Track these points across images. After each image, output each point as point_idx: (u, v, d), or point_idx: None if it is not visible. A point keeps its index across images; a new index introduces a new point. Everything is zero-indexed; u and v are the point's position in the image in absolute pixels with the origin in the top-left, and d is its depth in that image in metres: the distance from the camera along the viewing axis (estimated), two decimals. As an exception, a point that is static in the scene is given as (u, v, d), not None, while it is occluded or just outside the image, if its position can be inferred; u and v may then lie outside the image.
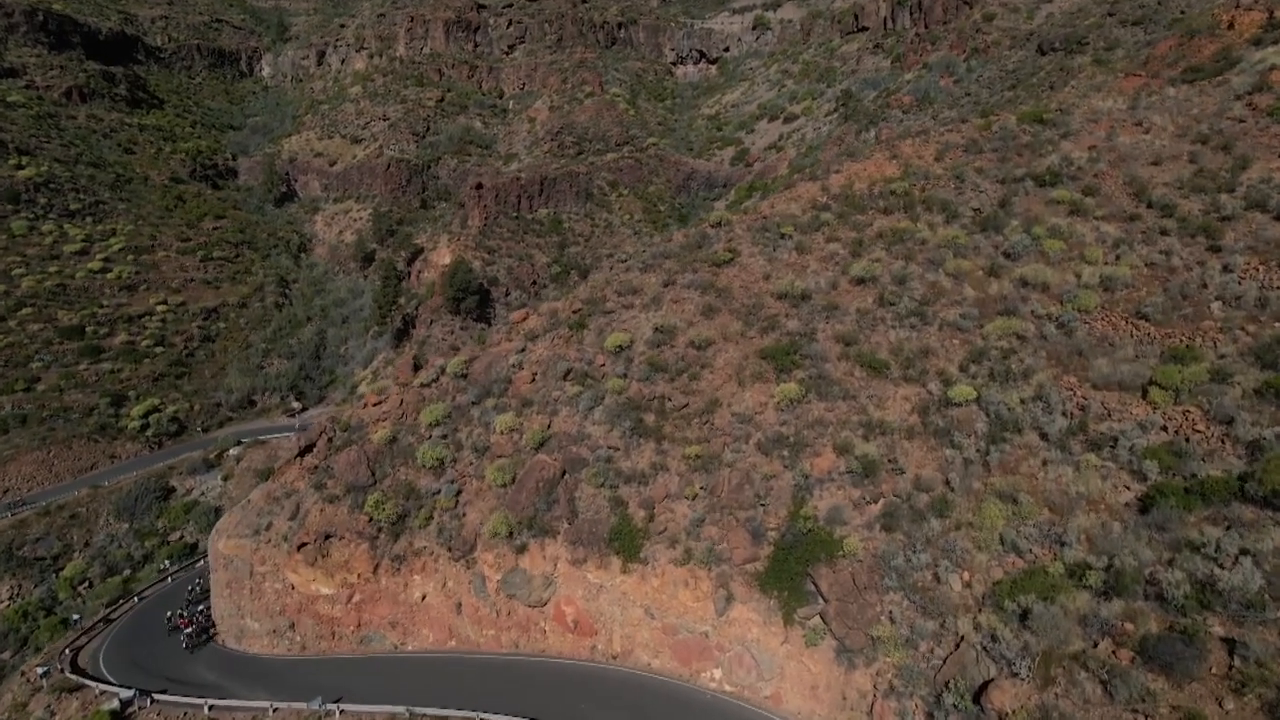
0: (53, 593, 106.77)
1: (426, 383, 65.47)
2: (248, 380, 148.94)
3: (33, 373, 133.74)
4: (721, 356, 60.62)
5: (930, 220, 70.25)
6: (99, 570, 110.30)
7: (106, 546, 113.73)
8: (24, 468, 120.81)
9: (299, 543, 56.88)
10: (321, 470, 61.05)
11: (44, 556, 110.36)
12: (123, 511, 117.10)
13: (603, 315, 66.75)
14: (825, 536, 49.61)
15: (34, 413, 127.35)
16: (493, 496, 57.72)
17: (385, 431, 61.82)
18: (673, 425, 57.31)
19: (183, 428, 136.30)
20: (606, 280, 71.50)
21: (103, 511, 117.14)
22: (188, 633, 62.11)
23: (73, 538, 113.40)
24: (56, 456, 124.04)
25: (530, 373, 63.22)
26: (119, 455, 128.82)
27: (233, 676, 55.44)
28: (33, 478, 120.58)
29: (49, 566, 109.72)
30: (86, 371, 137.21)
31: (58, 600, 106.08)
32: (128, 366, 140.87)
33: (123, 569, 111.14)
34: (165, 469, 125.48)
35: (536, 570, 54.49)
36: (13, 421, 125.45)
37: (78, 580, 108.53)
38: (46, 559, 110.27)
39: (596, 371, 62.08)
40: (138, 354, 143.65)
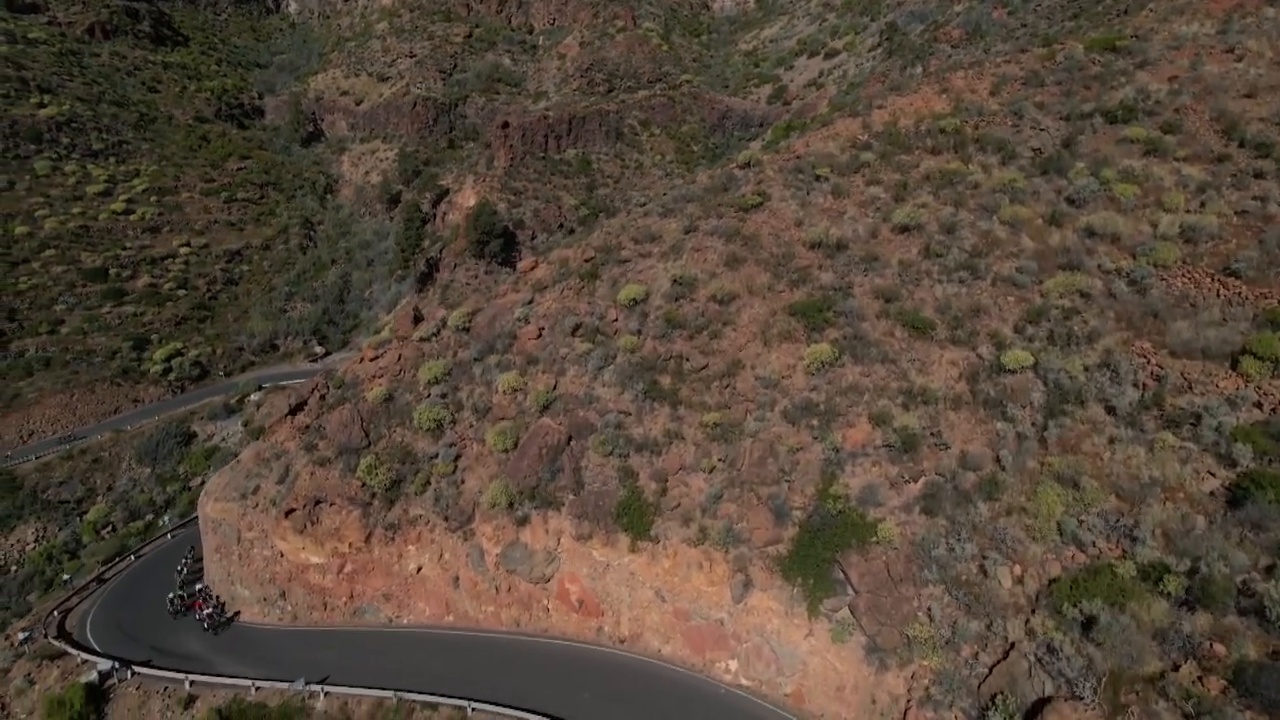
0: (76, 536, 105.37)
1: (427, 337, 59.98)
2: (270, 324, 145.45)
3: (57, 315, 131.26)
4: (746, 313, 54.16)
5: (984, 161, 62.26)
6: (121, 515, 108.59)
7: (129, 491, 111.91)
8: (48, 410, 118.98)
9: (287, 508, 52.41)
10: (313, 430, 56.25)
11: (68, 500, 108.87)
12: (144, 456, 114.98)
13: (617, 265, 60.38)
14: (857, 519, 43.67)
15: (58, 355, 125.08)
16: (493, 463, 52.53)
17: (381, 389, 56.67)
18: (690, 389, 51.30)
19: (205, 372, 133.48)
20: (622, 226, 64.90)
21: (125, 456, 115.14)
22: (207, 614, 55.19)
23: (96, 482, 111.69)
24: (80, 400, 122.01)
25: (537, 327, 57.37)
26: (141, 399, 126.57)
27: (219, 648, 51.67)
28: (57, 420, 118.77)
29: (73, 510, 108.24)
30: (109, 314, 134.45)
31: (81, 544, 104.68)
32: (150, 309, 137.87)
33: (145, 514, 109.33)
34: (187, 414, 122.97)
35: (538, 545, 49.46)
36: (37, 364, 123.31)
37: (101, 524, 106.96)
38: (70, 502, 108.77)
39: (608, 327, 56.04)
40: (160, 297, 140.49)
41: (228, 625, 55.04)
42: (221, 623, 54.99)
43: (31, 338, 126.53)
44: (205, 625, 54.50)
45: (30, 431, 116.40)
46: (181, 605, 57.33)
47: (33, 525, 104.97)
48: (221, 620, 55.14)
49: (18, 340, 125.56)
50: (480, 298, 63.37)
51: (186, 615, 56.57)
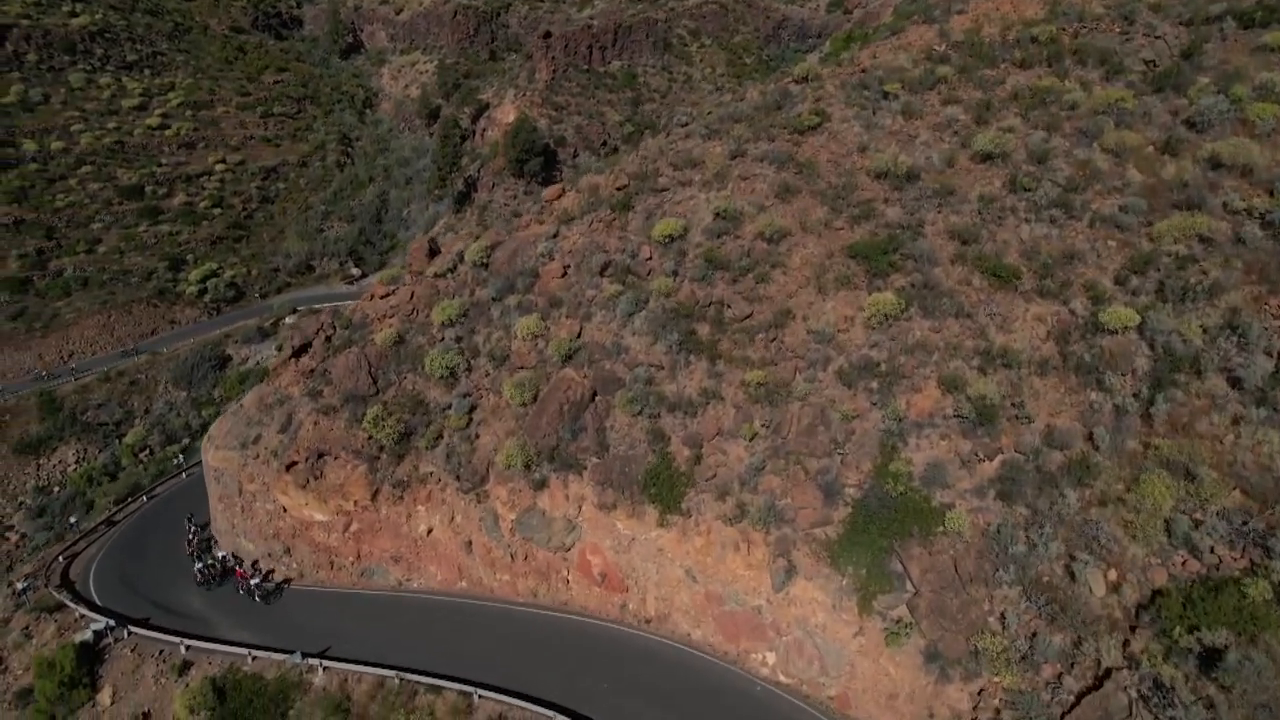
0: (116, 458, 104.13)
1: (442, 272, 53.71)
2: (306, 244, 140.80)
3: (94, 234, 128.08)
4: (798, 253, 46.67)
5: (1084, 77, 52.63)
6: (158, 438, 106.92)
7: (165, 415, 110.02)
8: (86, 331, 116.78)
9: (289, 461, 47.64)
10: (318, 375, 50.99)
11: (106, 422, 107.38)
12: (180, 379, 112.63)
13: (653, 194, 52.90)
14: (921, 503, 37.13)
15: (95, 275, 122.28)
16: (510, 417, 46.81)
17: (391, 331, 50.91)
18: (731, 341, 44.48)
19: (240, 293, 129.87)
20: (660, 149, 56.99)
21: (161, 379, 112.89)
22: (254, 584, 48.55)
23: (133, 404, 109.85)
24: (117, 321, 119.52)
25: (561, 265, 50.65)
26: (178, 320, 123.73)
27: (221, 606, 47.89)
28: (95, 341, 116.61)
29: (111, 432, 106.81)
30: (146, 233, 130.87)
31: (120, 466, 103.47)
32: (186, 229, 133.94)
33: (181, 438, 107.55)
34: (221, 336, 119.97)
35: (557, 512, 44.01)
36: (75, 284, 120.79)
37: (138, 447, 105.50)
38: (109, 424, 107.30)
39: (640, 267, 49.06)
40: (196, 216, 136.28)
41: (279, 594, 48.94)
42: (271, 591, 48.84)
43: (69, 257, 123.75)
44: (255, 597, 48.44)
45: (70, 352, 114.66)
46: (213, 575, 50.68)
47: (73, 447, 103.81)
48: (271, 589, 48.93)
49: (56, 259, 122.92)
50: (501, 228, 56.61)
51: (220, 584, 50.44)
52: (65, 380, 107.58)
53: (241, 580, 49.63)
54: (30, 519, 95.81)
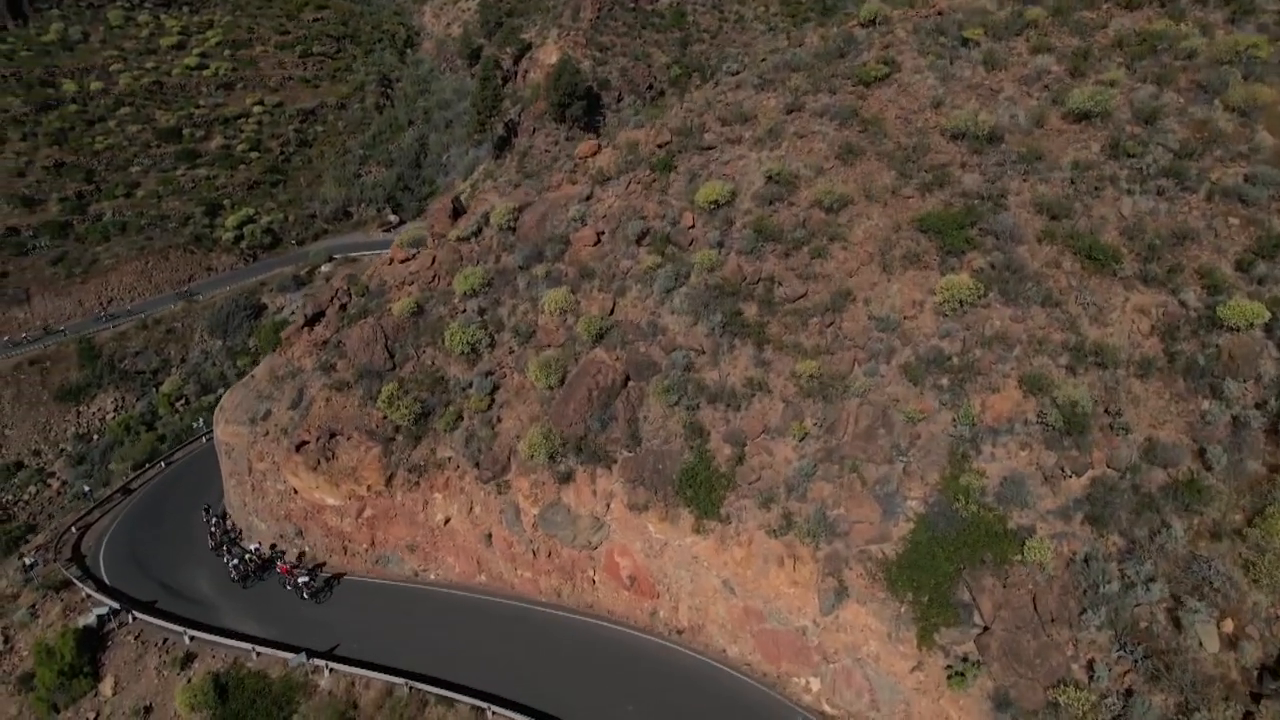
0: (153, 407, 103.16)
1: (465, 236, 48.97)
2: (343, 190, 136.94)
3: (132, 177, 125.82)
4: (861, 225, 40.84)
5: (1204, 19, 45.06)
6: (194, 388, 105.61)
7: (201, 364, 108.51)
8: (125, 277, 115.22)
9: (299, 440, 44.04)
10: (331, 347, 47.05)
11: (143, 370, 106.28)
12: (216, 328, 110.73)
13: (698, 153, 47.11)
14: (995, 524, 32.00)
15: (133, 220, 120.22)
16: (535, 400, 42.42)
17: (409, 300, 46.58)
18: (781, 325, 39.19)
19: (277, 240, 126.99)
20: (708, 102, 50.81)
21: (197, 327, 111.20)
22: (302, 581, 43.61)
23: (170, 353, 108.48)
24: (155, 267, 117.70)
25: (594, 232, 45.51)
26: (214, 267, 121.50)
27: (231, 591, 45.00)
28: (133, 288, 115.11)
29: (149, 381, 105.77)
30: (183, 177, 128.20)
31: (157, 415, 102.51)
32: (223, 172, 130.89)
33: (216, 388, 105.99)
34: (257, 285, 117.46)
35: (583, 508, 39.79)
36: (113, 229, 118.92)
37: (175, 397, 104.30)
38: (146, 373, 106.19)
39: (682, 236, 43.68)
40: (233, 159, 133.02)
41: (329, 592, 44.10)
42: (320, 589, 43.96)
43: (108, 201, 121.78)
44: (304, 595, 43.62)
45: (109, 299, 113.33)
46: (249, 571, 45.57)
47: (111, 395, 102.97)
48: (320, 586, 44.06)
49: (95, 203, 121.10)
50: (531, 187, 51.40)
51: (259, 580, 45.50)
52: (120, 322, 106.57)
53: (288, 576, 44.56)
54: (71, 466, 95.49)
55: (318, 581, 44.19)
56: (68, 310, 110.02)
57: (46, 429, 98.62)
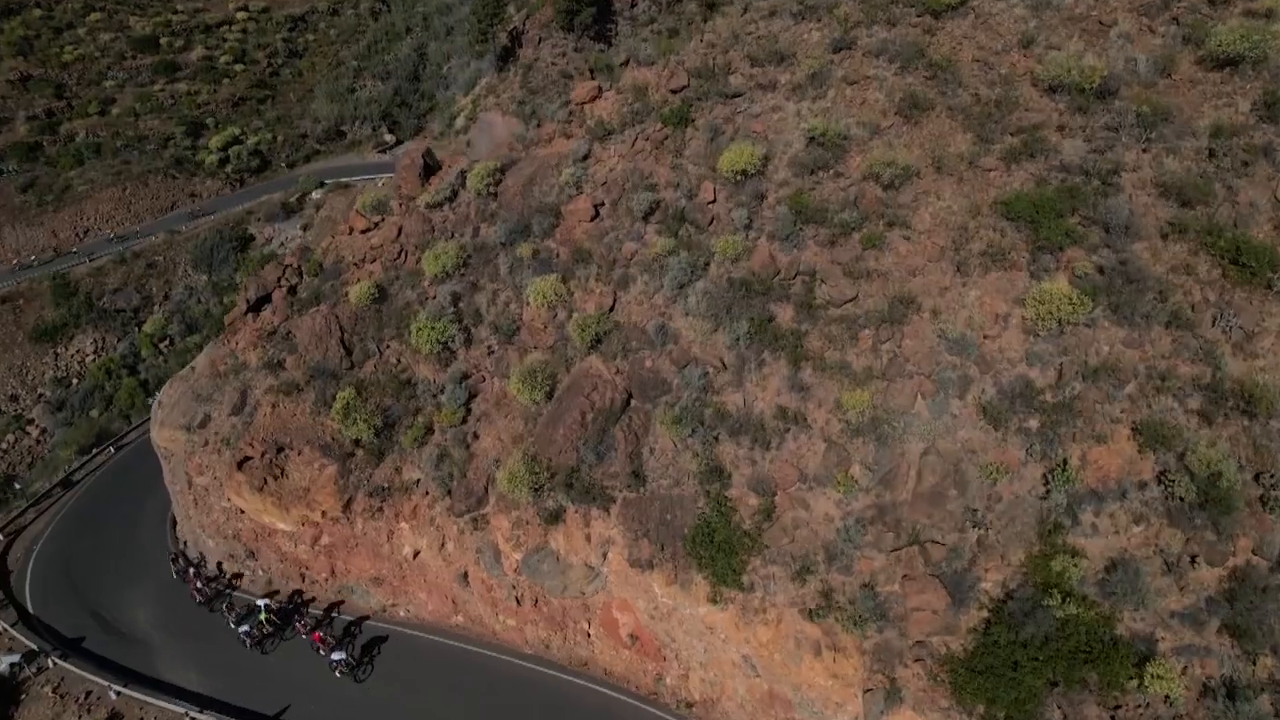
0: (135, 349, 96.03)
1: (438, 201, 40.02)
2: (336, 106, 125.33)
3: (106, 93, 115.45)
4: (929, 207, 31.66)
5: (1387, -71, 34.21)
6: (178, 327, 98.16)
7: (185, 301, 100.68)
8: (102, 206, 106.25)
9: (241, 455, 36.50)
10: (279, 339, 38.94)
11: (124, 309, 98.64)
12: (200, 262, 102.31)
13: (721, 101, 37.36)
14: (1100, 628, 24.25)
15: (108, 141, 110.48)
16: (518, 416, 34.46)
17: (369, 284, 38.13)
18: (824, 337, 30.63)
19: (265, 163, 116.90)
20: (734, 34, 40.48)
21: (180, 261, 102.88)
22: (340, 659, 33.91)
23: (151, 289, 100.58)
24: (134, 194, 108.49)
25: (592, 202, 36.47)
26: (198, 194, 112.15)
27: (174, 625, 38.33)
28: (112, 217, 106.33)
29: (130, 319, 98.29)
30: (162, 93, 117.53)
31: (140, 357, 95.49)
32: (205, 88, 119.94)
33: (202, 327, 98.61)
34: (244, 214, 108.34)
35: (575, 556, 32.35)
36: (87, 151, 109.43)
37: (158, 337, 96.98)
38: (127, 311, 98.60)
39: (700, 213, 34.62)
40: (216, 72, 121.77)
41: (371, 665, 34.82)
42: (359, 663, 34.55)
43: (81, 120, 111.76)
44: (339, 671, 34.12)
45: (85, 229, 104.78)
46: (265, 635, 36.43)
47: (90, 335, 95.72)
48: (361, 661, 34.73)
49: (66, 122, 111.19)
50: (516, 141, 41.84)
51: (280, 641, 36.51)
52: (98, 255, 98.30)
53: (321, 645, 34.75)
54: (50, 413, 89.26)
55: (353, 652, 34.66)
56: (41, 242, 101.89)
57: (23, 372, 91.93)
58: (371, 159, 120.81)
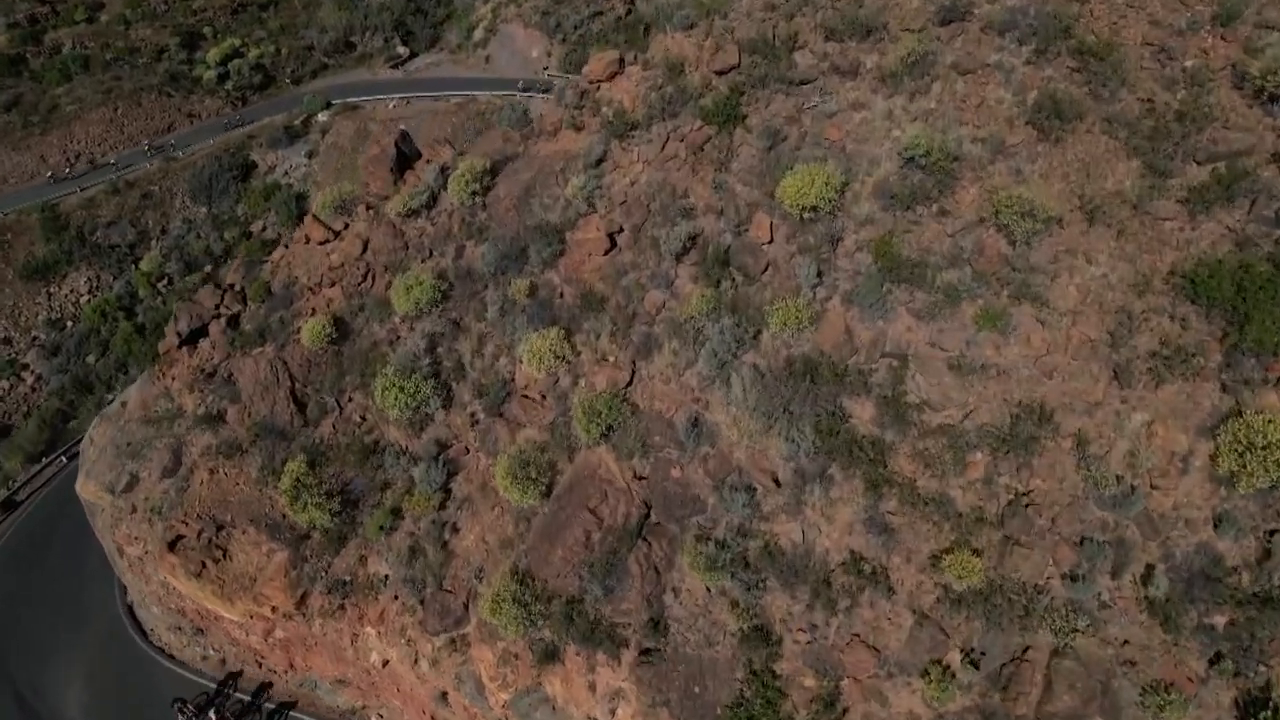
0: (131, 288, 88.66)
1: (413, 208, 30.80)
2: (345, 14, 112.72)
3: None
4: (1074, 273, 22.06)
5: None
6: (177, 266, 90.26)
7: (184, 236, 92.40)
8: (91, 128, 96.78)
9: (173, 535, 29.14)
10: (219, 383, 30.77)
11: (119, 244, 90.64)
12: (199, 192, 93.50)
13: (783, 92, 27.15)
14: None
15: (97, 54, 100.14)
16: (507, 512, 26.47)
17: (324, 321, 29.51)
18: (916, 455, 21.82)
19: (269, 78, 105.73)
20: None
21: (177, 191, 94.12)
22: None
23: (147, 222, 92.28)
24: (126, 115, 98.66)
25: (606, 226, 27.15)
26: (197, 113, 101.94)
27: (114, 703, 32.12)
28: (103, 140, 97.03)
29: (125, 256, 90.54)
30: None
31: (137, 297, 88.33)
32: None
33: (202, 264, 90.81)
34: (244, 138, 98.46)
35: (576, 708, 24.84)
36: (75, 65, 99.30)
37: (156, 276, 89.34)
38: (122, 246, 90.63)
39: (751, 255, 25.22)
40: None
41: None
42: None
43: (67, 28, 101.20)
44: None
45: (76, 154, 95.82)
46: None
47: (84, 273, 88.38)
48: None
49: (52, 30, 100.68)
50: (509, 130, 31.99)
51: None
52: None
53: None
54: (45, 358, 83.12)
55: None
56: (29, 167, 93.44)
57: (15, 313, 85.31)
58: (383, 75, 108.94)
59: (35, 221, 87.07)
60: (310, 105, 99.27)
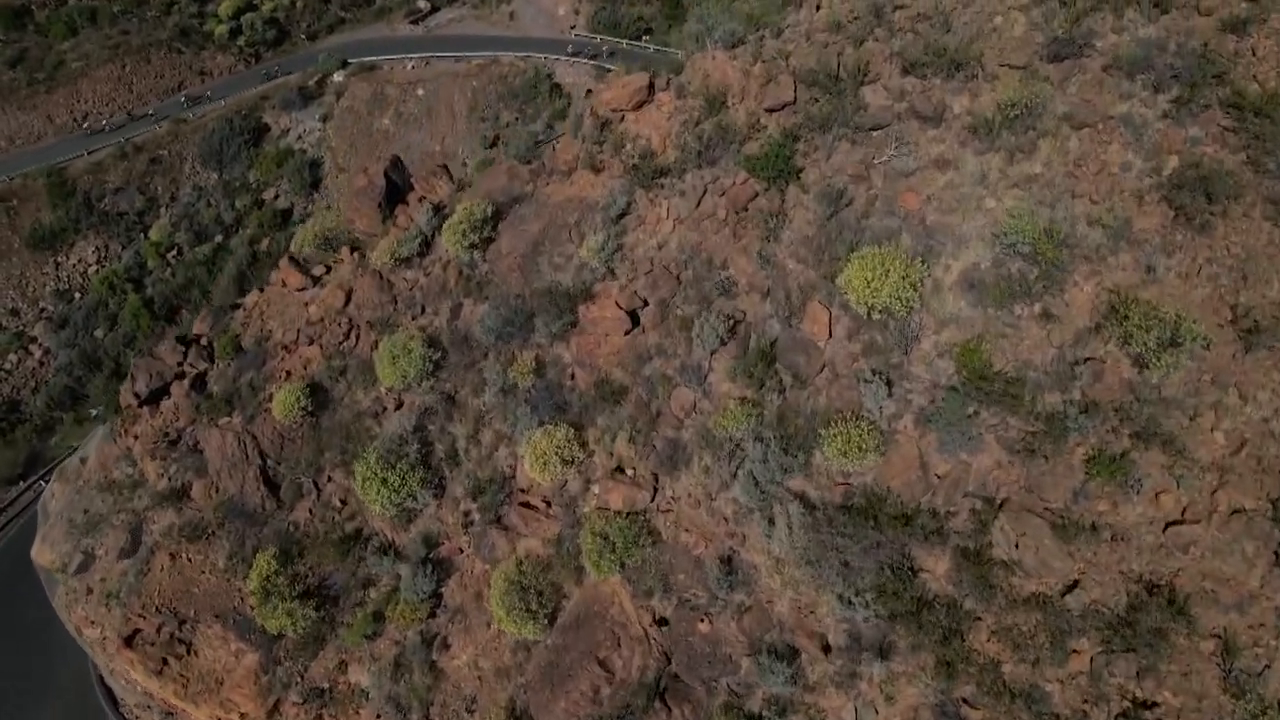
0: (140, 259, 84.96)
1: (403, 256, 26.05)
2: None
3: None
4: (1223, 417, 17.02)
5: None
6: (187, 236, 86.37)
7: (194, 204, 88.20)
8: (99, 86, 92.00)
9: (130, 629, 25.58)
10: (184, 451, 26.69)
11: (126, 211, 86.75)
12: (209, 157, 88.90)
13: (850, 138, 21.73)
14: None
15: (103, 8, 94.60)
16: (504, 640, 22.40)
17: (298, 390, 25.14)
18: (1004, 634, 17.23)
19: (283, 34, 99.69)
20: (875, 8, 23.74)
21: (187, 156, 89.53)
22: None
23: (156, 189, 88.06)
24: (135, 72, 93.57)
25: (627, 299, 22.34)
26: (208, 71, 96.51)
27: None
28: (111, 99, 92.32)
29: (134, 224, 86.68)
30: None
31: (146, 268, 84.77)
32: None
33: (213, 234, 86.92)
34: (257, 99, 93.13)
35: None
36: (81, 19, 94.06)
37: (165, 246, 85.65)
38: (130, 214, 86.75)
39: (803, 353, 20.34)
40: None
41: None
42: None
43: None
44: None
45: (85, 113, 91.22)
46: None
47: (92, 242, 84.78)
48: None
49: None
50: (514, 163, 26.82)
51: None
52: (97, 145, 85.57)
53: None
54: (52, 331, 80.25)
55: None
56: (37, 127, 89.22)
57: (22, 283, 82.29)
58: (402, 31, 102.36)
59: (42, 187, 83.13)
60: (325, 65, 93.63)
